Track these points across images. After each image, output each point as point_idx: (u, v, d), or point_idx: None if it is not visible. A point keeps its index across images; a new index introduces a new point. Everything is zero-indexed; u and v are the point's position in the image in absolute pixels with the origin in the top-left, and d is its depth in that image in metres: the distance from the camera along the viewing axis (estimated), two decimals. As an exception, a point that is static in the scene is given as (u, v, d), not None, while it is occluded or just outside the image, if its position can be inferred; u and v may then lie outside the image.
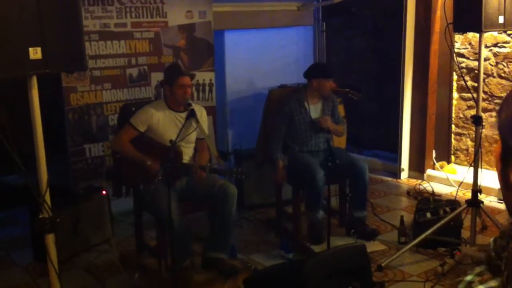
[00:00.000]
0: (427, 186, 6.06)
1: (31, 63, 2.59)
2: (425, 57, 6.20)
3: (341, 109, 5.68)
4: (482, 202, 4.31)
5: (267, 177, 5.32)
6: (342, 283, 3.33)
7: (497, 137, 6.37)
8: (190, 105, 4.14)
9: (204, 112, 4.34)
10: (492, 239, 1.07)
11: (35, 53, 2.59)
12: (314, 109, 4.83)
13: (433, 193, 5.83)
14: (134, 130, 4.13)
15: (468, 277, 1.04)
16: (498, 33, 5.82)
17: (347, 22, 7.44)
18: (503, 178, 1.12)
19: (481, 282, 1.00)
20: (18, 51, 2.56)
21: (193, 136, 4.23)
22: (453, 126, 6.52)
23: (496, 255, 0.99)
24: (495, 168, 1.17)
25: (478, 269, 1.05)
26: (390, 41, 6.82)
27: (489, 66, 5.99)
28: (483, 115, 4.28)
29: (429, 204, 4.74)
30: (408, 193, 6.01)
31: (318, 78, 4.74)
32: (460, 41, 6.27)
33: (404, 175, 6.52)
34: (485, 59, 5.89)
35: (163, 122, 4.15)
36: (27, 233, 4.75)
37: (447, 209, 4.62)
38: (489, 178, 5.56)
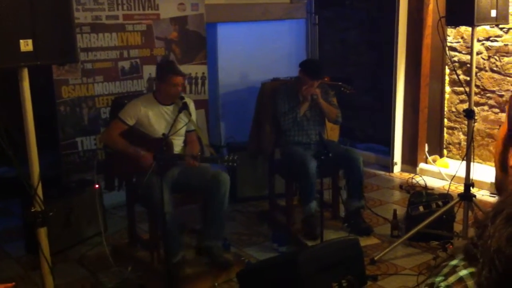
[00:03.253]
0: (419, 179, 6.08)
1: (22, 55, 2.57)
2: (418, 50, 6.20)
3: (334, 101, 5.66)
4: (475, 196, 4.32)
5: (260, 170, 5.32)
6: (335, 276, 3.33)
7: (489, 131, 6.40)
8: (183, 98, 4.14)
9: (192, 104, 4.34)
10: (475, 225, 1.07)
11: (26, 45, 2.57)
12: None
13: (425, 187, 5.85)
14: (123, 124, 4.13)
15: (453, 262, 1.05)
16: (490, 27, 5.83)
17: (340, 14, 7.43)
18: (501, 160, 1.14)
19: (465, 267, 1.01)
20: (9, 43, 2.54)
21: (183, 129, 4.23)
22: (445, 120, 6.53)
23: (472, 244, 1.00)
24: (487, 162, 1.18)
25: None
26: (383, 33, 6.81)
27: (481, 60, 6.00)
28: (475, 109, 4.29)
29: (421, 197, 4.75)
30: (401, 186, 6.02)
31: (303, 73, 4.72)
32: (453, 35, 6.28)
33: (396, 168, 6.53)
34: (478, 53, 5.90)
35: (151, 115, 4.15)
36: (19, 224, 4.74)
37: (440, 202, 4.63)
38: (482, 172, 5.58)
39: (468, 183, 4.28)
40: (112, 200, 5.10)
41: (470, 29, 4.21)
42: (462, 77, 6.08)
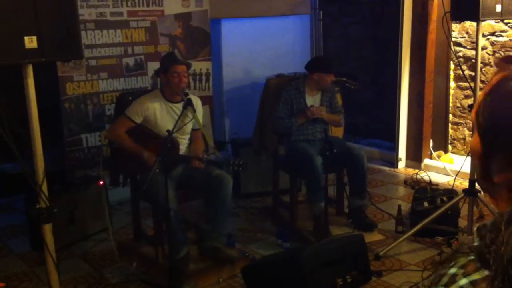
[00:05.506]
0: (424, 175, 6.07)
1: (26, 52, 2.58)
2: (422, 45, 6.19)
3: (338, 98, 5.66)
4: (480, 191, 4.31)
5: (264, 166, 5.32)
6: (339, 272, 3.33)
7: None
8: (187, 94, 4.12)
9: (200, 103, 4.32)
10: (475, 228, 1.05)
11: (30, 42, 2.58)
12: (313, 100, 4.80)
13: (430, 183, 5.84)
14: (129, 122, 4.11)
15: (452, 270, 1.02)
16: (496, 22, 5.81)
17: (344, 10, 7.42)
18: (484, 178, 1.09)
19: (464, 275, 0.99)
20: (13, 40, 2.55)
21: (189, 127, 4.22)
22: (450, 115, 6.51)
23: (485, 246, 0.97)
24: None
25: (461, 261, 1.03)
26: (387, 29, 6.79)
27: (486, 55, 5.98)
28: (481, 104, 4.27)
29: (426, 193, 4.74)
30: (405, 182, 6.01)
31: (320, 72, 4.71)
32: (457, 30, 6.26)
33: (401, 164, 6.52)
34: (482, 48, 5.87)
35: (159, 113, 4.12)
36: (24, 221, 4.75)
37: (444, 198, 4.63)
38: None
39: (473, 179, 4.27)
40: (117, 196, 5.11)
41: (475, 24, 4.20)
42: (467, 72, 6.07)
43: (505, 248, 0.87)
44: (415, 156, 6.45)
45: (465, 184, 4.50)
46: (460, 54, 6.23)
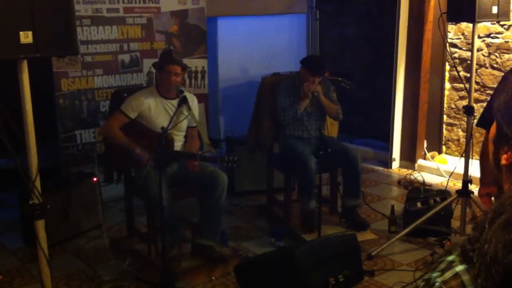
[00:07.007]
0: (418, 176, 6.08)
1: (21, 47, 2.57)
2: (418, 46, 6.19)
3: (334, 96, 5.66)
4: (473, 192, 4.32)
5: (259, 164, 5.32)
6: (332, 271, 3.34)
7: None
8: (182, 91, 4.11)
9: (195, 100, 4.31)
10: (472, 227, 1.07)
11: (26, 37, 2.57)
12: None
13: (423, 183, 5.85)
14: (124, 117, 4.10)
15: (450, 257, 1.04)
16: (491, 23, 5.81)
17: (340, 9, 7.42)
18: (495, 159, 1.13)
19: (461, 262, 1.01)
20: (8, 35, 2.54)
21: (184, 124, 4.21)
22: (444, 116, 6.52)
23: (469, 244, 0.99)
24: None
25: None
26: (383, 29, 6.80)
27: (482, 57, 5.99)
28: (475, 106, 4.29)
29: (419, 193, 4.75)
30: (399, 182, 6.02)
31: (305, 69, 4.70)
32: (453, 31, 6.26)
33: (395, 164, 6.53)
34: (478, 50, 5.88)
35: (154, 109, 4.12)
36: (17, 217, 4.74)
37: (438, 199, 4.64)
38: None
39: (466, 180, 4.29)
40: (111, 193, 5.10)
41: (471, 25, 4.22)
42: (462, 73, 6.07)
43: (489, 246, 0.87)
44: (409, 157, 6.46)
45: (459, 185, 4.50)
46: (456, 55, 6.24)
